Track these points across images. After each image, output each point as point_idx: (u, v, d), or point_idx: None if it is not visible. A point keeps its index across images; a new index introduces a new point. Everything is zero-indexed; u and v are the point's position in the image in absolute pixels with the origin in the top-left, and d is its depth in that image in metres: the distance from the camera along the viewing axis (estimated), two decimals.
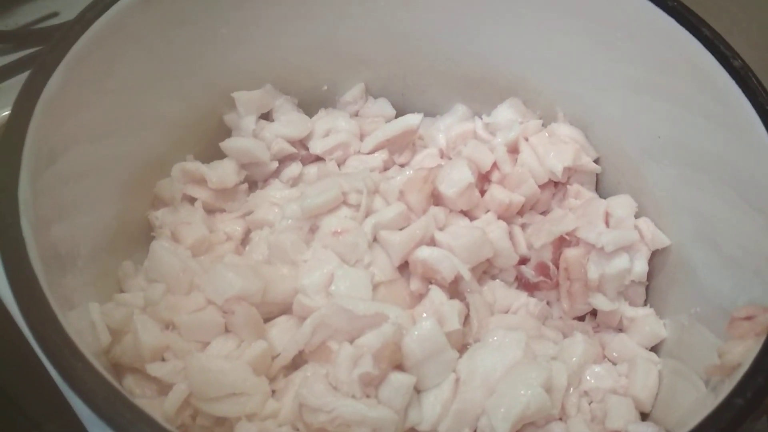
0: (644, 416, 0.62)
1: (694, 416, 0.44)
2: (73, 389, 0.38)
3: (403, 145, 0.79)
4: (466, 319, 0.65)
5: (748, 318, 0.46)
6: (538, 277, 0.70)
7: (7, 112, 0.56)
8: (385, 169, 0.78)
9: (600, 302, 0.67)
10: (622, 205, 0.69)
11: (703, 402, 0.51)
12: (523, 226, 0.73)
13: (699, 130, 0.63)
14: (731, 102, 0.57)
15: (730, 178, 0.60)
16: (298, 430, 0.57)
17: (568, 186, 0.75)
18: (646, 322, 0.67)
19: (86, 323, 0.55)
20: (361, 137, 0.80)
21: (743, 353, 0.45)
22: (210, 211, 0.74)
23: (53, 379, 0.68)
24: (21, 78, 0.95)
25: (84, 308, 0.55)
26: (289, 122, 0.78)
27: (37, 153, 0.51)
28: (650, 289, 0.71)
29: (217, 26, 0.71)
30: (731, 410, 0.40)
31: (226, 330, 0.61)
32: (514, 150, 0.75)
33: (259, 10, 0.73)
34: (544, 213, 0.76)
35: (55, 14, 1.09)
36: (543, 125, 0.77)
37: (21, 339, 0.71)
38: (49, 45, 0.55)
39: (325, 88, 0.83)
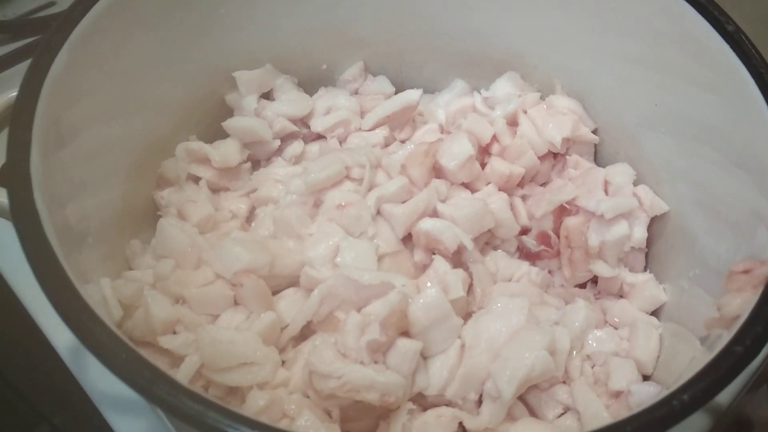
0: (645, 378, 0.63)
1: (692, 372, 0.45)
2: (93, 353, 0.40)
3: (403, 121, 0.80)
4: (470, 288, 0.66)
5: (746, 272, 0.47)
6: (540, 247, 0.71)
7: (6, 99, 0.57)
8: (386, 145, 0.79)
9: (601, 269, 0.69)
10: (620, 173, 0.70)
11: (700, 360, 0.53)
12: (524, 198, 0.75)
13: (694, 97, 0.64)
14: (725, 67, 0.58)
15: (725, 143, 0.61)
16: (308, 397, 0.58)
17: (567, 157, 0.76)
18: (646, 287, 0.68)
19: (99, 298, 0.56)
20: (362, 114, 0.81)
21: (741, 305, 0.46)
22: (214, 190, 0.75)
23: (59, 373, 0.70)
24: (20, 68, 0.97)
25: (96, 284, 0.56)
26: (290, 101, 0.79)
27: (46, 133, 0.52)
28: (650, 255, 0.72)
29: (216, 6, 0.72)
30: (731, 357, 0.42)
31: (235, 303, 0.62)
32: (513, 122, 0.76)
33: None
34: (543, 185, 0.77)
35: (52, 3, 1.10)
36: (541, 98, 0.79)
37: (29, 335, 0.73)
38: (53, 26, 0.56)
39: (325, 66, 0.84)
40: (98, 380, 0.68)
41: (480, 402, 0.59)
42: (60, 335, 0.71)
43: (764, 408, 0.92)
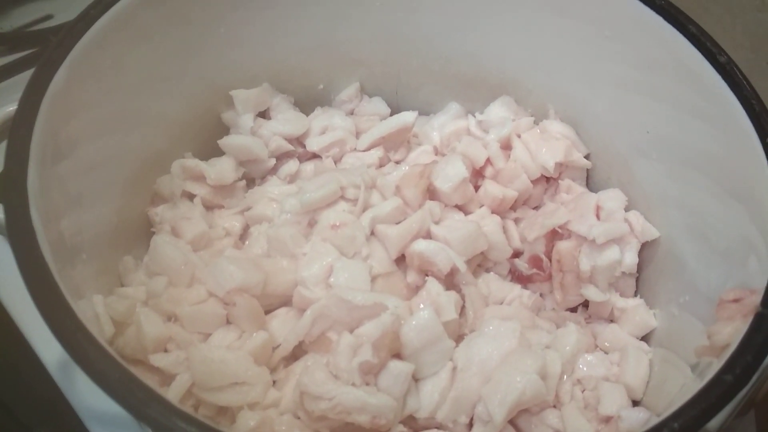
0: (635, 404, 0.64)
1: (682, 400, 0.45)
2: (87, 372, 0.39)
3: (398, 143, 0.81)
4: (462, 311, 0.66)
5: (736, 300, 0.48)
6: (532, 270, 0.71)
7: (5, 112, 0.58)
8: (381, 165, 0.80)
9: (591, 293, 0.69)
10: (612, 198, 0.71)
11: (690, 387, 0.53)
12: (516, 221, 0.75)
13: (686, 125, 0.65)
14: (717, 96, 0.59)
15: (716, 171, 0.62)
16: (299, 418, 0.58)
17: (559, 181, 0.77)
18: (636, 313, 0.69)
19: (91, 315, 0.56)
20: (357, 135, 0.82)
21: (731, 333, 0.47)
22: (208, 207, 0.75)
23: (44, 385, 0.69)
24: (16, 80, 0.97)
25: (88, 300, 0.56)
26: (287, 120, 0.79)
27: (44, 147, 0.52)
28: (640, 280, 0.72)
29: (216, 26, 0.73)
30: (721, 386, 0.42)
31: (228, 321, 0.62)
32: (506, 146, 0.77)
33: (256, 10, 0.74)
34: (536, 208, 0.78)
35: (49, 17, 1.10)
36: (534, 122, 0.79)
37: (13, 346, 0.72)
38: (54, 41, 0.56)
39: (321, 87, 0.85)
40: (85, 396, 0.67)
41: (471, 425, 0.59)
42: (48, 349, 0.70)
43: None
